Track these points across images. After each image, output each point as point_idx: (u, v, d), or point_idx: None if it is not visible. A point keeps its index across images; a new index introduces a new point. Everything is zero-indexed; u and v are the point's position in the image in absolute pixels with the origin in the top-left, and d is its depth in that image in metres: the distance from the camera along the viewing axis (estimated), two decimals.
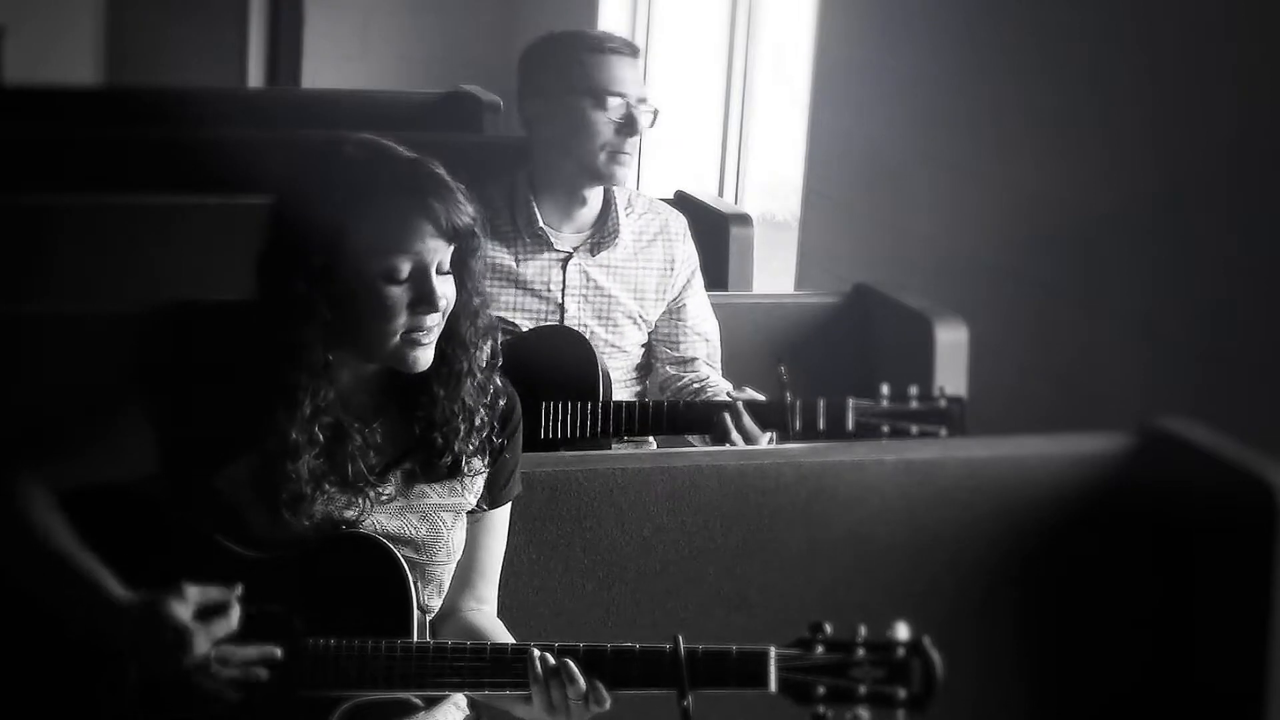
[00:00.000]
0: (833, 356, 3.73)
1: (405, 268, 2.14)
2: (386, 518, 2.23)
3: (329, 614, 2.15)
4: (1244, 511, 2.56)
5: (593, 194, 3.31)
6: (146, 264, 3.99)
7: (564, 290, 3.27)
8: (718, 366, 3.42)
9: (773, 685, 2.09)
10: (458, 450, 2.24)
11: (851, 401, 3.06)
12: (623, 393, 3.31)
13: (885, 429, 3.04)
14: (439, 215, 2.14)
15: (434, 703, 2.26)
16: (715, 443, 3.06)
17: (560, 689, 2.10)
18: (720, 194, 5.96)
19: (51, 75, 7.57)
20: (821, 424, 3.06)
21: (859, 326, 3.77)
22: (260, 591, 2.15)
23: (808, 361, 3.62)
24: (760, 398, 3.12)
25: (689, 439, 3.23)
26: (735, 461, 2.69)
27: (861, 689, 2.07)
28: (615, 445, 3.20)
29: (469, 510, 2.31)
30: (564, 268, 3.28)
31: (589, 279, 3.29)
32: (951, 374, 3.46)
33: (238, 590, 2.13)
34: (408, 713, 2.24)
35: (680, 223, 3.42)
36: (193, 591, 2.11)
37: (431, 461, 2.25)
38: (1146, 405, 3.24)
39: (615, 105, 3.22)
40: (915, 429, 3.04)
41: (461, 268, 2.21)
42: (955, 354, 3.51)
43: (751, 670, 2.09)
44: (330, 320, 2.14)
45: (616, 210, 3.32)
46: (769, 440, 3.08)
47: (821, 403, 3.06)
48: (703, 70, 6.16)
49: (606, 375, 3.17)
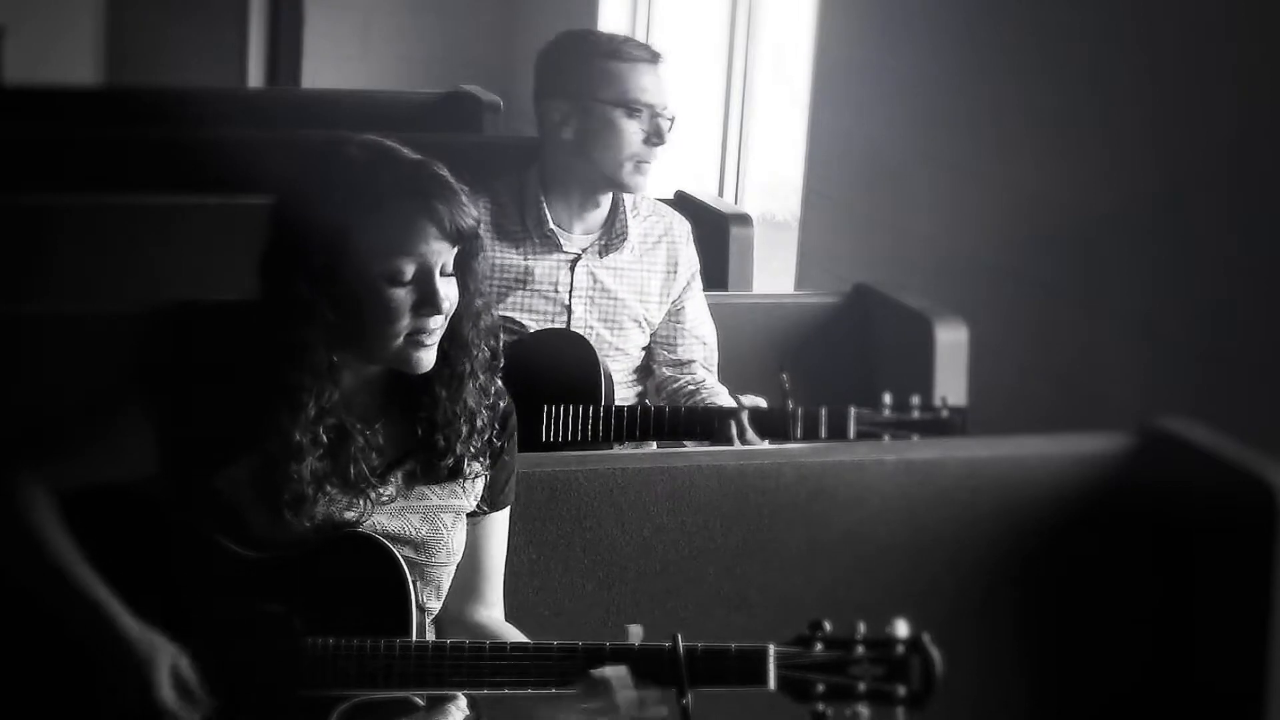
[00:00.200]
0: (833, 357, 3.73)
1: (409, 270, 2.14)
2: (387, 518, 2.23)
3: (329, 614, 2.15)
4: (1244, 511, 2.56)
5: (604, 197, 3.30)
6: (146, 264, 3.99)
7: (572, 292, 3.27)
8: (714, 370, 3.42)
9: (772, 683, 2.09)
10: (459, 452, 2.25)
11: (853, 410, 3.06)
12: (623, 393, 3.31)
13: (887, 438, 3.04)
14: (443, 217, 2.14)
15: (434, 702, 2.26)
16: None
17: (609, 698, 2.10)
18: (720, 194, 5.95)
19: (51, 75, 7.57)
20: (823, 432, 3.06)
21: (859, 327, 3.77)
22: (260, 591, 2.15)
23: (808, 362, 3.63)
24: (762, 403, 3.12)
25: (688, 444, 3.23)
26: (735, 461, 2.69)
27: (861, 686, 2.08)
28: (616, 447, 3.20)
29: (469, 513, 2.31)
30: (572, 269, 3.27)
31: (596, 281, 3.29)
32: (951, 374, 3.46)
33: (214, 704, 2.14)
34: (408, 712, 2.24)
35: (684, 226, 3.42)
36: (184, 669, 2.13)
37: (433, 462, 2.25)
38: (1146, 405, 3.24)
39: (646, 115, 3.21)
40: (916, 438, 3.04)
41: (464, 269, 2.21)
42: (955, 354, 3.51)
43: (751, 668, 2.09)
44: (333, 322, 2.14)
45: (625, 213, 3.32)
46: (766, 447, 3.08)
47: (823, 411, 3.06)
48: (703, 70, 6.16)
49: (609, 378, 3.17)
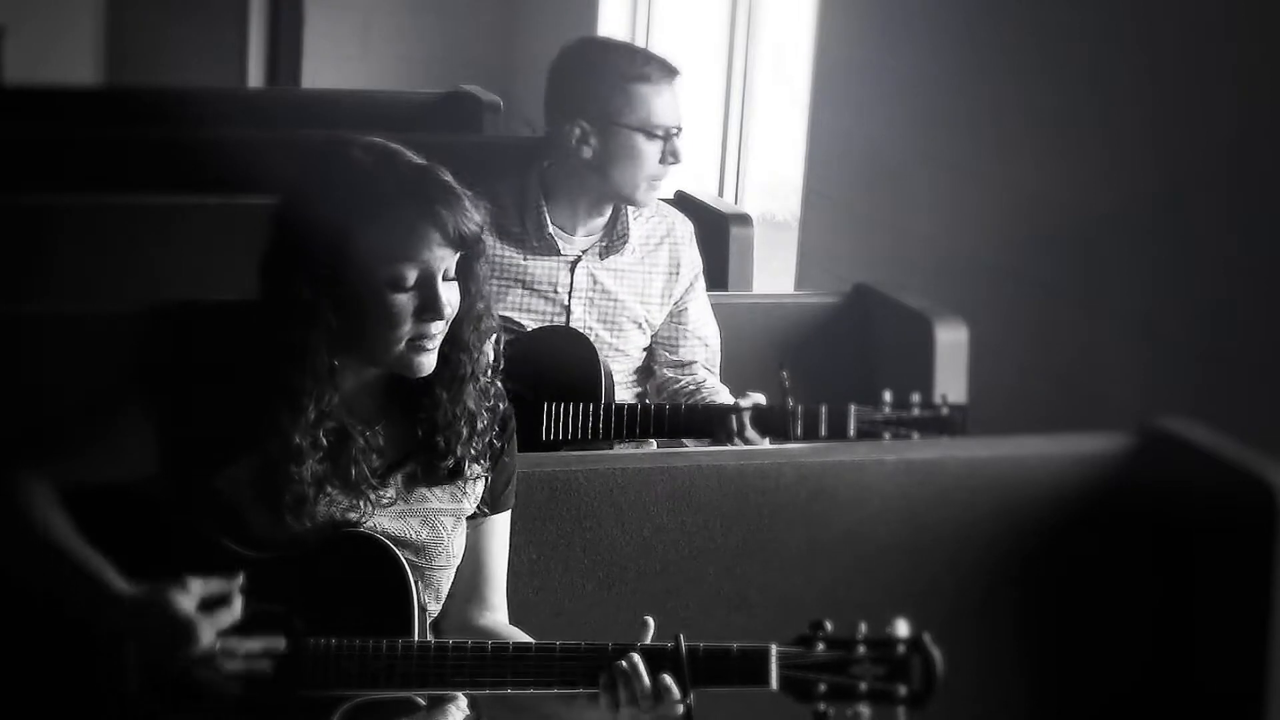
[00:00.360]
0: (833, 357, 3.73)
1: (411, 275, 2.14)
2: (388, 520, 2.23)
3: (330, 614, 2.15)
4: (1244, 511, 2.56)
5: (609, 205, 3.30)
6: (146, 264, 3.99)
7: (571, 293, 3.27)
8: (716, 371, 3.42)
9: (774, 683, 2.09)
10: (460, 454, 2.25)
11: (853, 408, 3.06)
12: (623, 394, 3.31)
13: (887, 436, 3.04)
14: (446, 224, 2.13)
15: (435, 702, 2.26)
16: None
17: (629, 689, 2.10)
18: (720, 194, 5.96)
19: (51, 75, 7.57)
20: (823, 430, 3.06)
21: (859, 326, 3.77)
22: (261, 591, 2.15)
23: (808, 361, 3.63)
24: (761, 400, 3.12)
25: (688, 442, 3.23)
26: (735, 461, 2.69)
27: (862, 686, 2.08)
28: (616, 446, 3.20)
29: (470, 516, 2.31)
30: (572, 271, 3.27)
31: (596, 282, 3.29)
32: (951, 374, 3.46)
33: (239, 581, 2.12)
34: (409, 712, 2.24)
35: (686, 227, 3.42)
36: (195, 584, 2.10)
37: (433, 464, 2.25)
38: (1146, 405, 3.24)
39: (669, 138, 3.20)
40: (917, 436, 3.04)
41: (467, 273, 2.21)
42: (955, 354, 3.51)
43: (753, 668, 2.09)
44: (334, 325, 2.14)
45: (627, 215, 3.31)
46: (766, 445, 3.08)
47: (823, 409, 3.06)
48: (703, 70, 6.16)
49: (609, 376, 3.17)
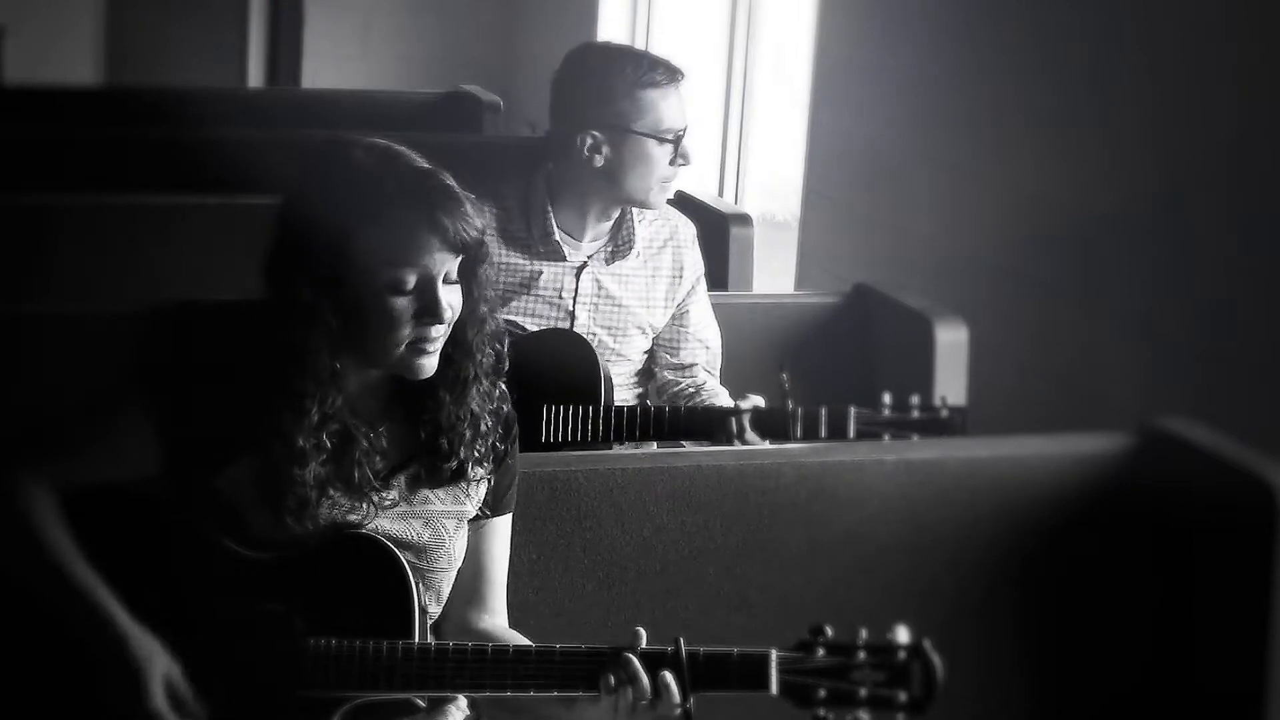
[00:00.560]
0: (833, 357, 3.73)
1: (410, 279, 2.14)
2: (389, 522, 2.23)
3: (331, 614, 2.15)
4: (1244, 511, 2.56)
5: (617, 209, 3.30)
6: (146, 264, 3.99)
7: (576, 298, 3.26)
8: (716, 373, 3.41)
9: (774, 688, 2.09)
10: (463, 456, 2.25)
11: (853, 410, 3.06)
12: (622, 396, 3.30)
13: (886, 438, 3.04)
14: (447, 229, 2.13)
15: (435, 703, 2.26)
16: None
17: (628, 692, 2.10)
18: (720, 194, 5.95)
19: (51, 75, 7.57)
20: (823, 431, 3.06)
21: (859, 326, 3.77)
22: (262, 591, 2.15)
23: (808, 362, 3.63)
24: (761, 402, 3.12)
25: (688, 444, 3.22)
26: (735, 461, 2.69)
27: (862, 692, 2.08)
28: (616, 447, 3.20)
29: (471, 518, 2.31)
30: (577, 276, 3.27)
31: (601, 288, 3.28)
32: (951, 374, 3.46)
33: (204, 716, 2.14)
34: (409, 713, 2.24)
35: (689, 230, 3.41)
36: (176, 679, 2.13)
37: (436, 465, 2.25)
38: (1146, 405, 3.24)
39: (680, 142, 3.20)
40: (916, 438, 3.04)
41: (469, 276, 2.21)
42: (955, 354, 3.51)
43: (752, 673, 2.09)
44: (335, 328, 2.14)
45: (632, 220, 3.31)
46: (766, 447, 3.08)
47: (823, 411, 3.06)
48: (703, 70, 6.16)
49: (608, 378, 3.17)
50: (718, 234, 4.14)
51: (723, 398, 3.29)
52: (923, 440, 3.02)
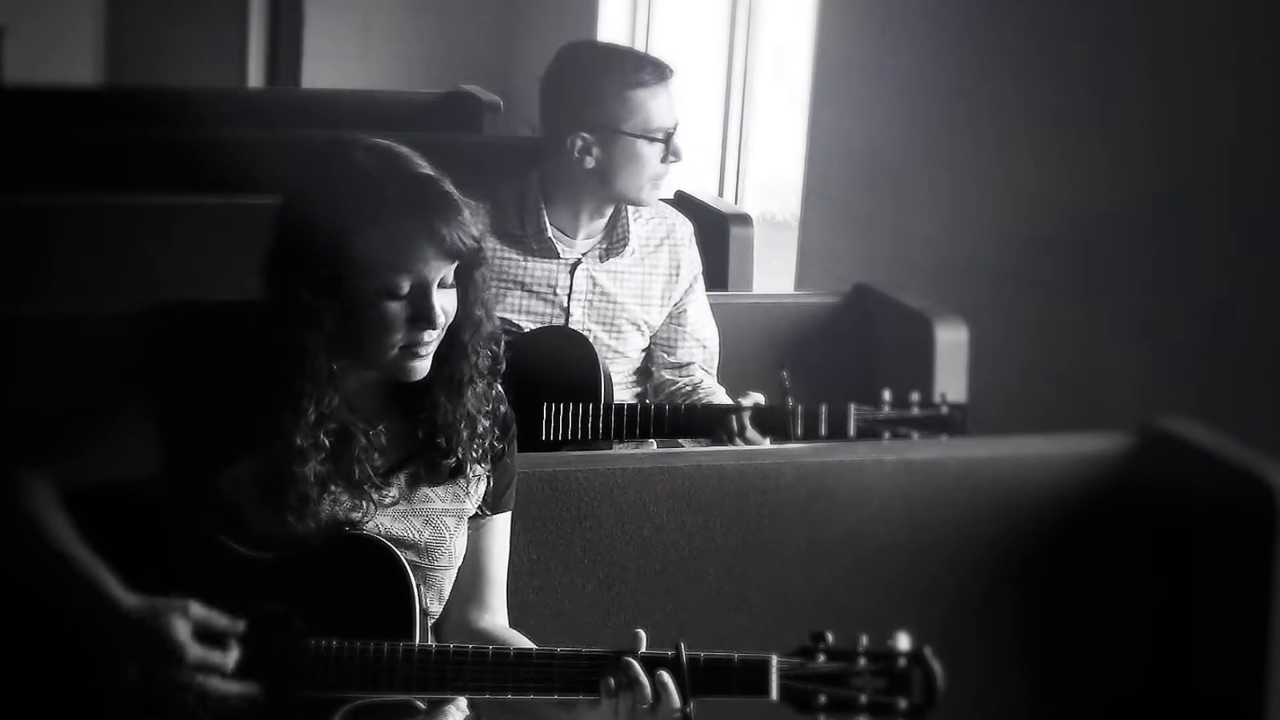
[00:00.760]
0: (833, 357, 3.73)
1: (405, 285, 2.14)
2: (390, 520, 2.24)
3: (331, 615, 2.15)
4: (1244, 511, 2.56)
5: (610, 207, 3.30)
6: (146, 264, 3.99)
7: (570, 295, 3.27)
8: (714, 372, 3.41)
9: (774, 694, 2.09)
10: (462, 456, 2.25)
11: (853, 407, 3.06)
12: (622, 395, 3.31)
13: (887, 436, 3.04)
14: (443, 238, 2.14)
15: (434, 704, 2.26)
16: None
17: (629, 696, 2.10)
18: (720, 194, 5.95)
19: (51, 75, 7.57)
20: (823, 429, 3.06)
21: (859, 326, 3.77)
22: (263, 592, 2.15)
23: (808, 361, 3.63)
24: (761, 400, 3.12)
25: (687, 442, 3.23)
26: (735, 461, 2.69)
27: (862, 698, 2.07)
28: (616, 446, 3.20)
29: (471, 516, 2.31)
30: (572, 273, 3.27)
31: (596, 285, 3.29)
32: (951, 374, 3.46)
33: (240, 627, 2.13)
34: (409, 714, 2.24)
35: (686, 228, 3.42)
36: (197, 610, 2.11)
37: (436, 463, 2.26)
38: (1146, 405, 3.24)
39: (669, 140, 3.20)
40: (916, 435, 3.04)
41: (465, 280, 2.22)
42: (955, 354, 3.51)
43: (753, 678, 2.09)
44: (332, 330, 2.14)
45: (627, 217, 3.31)
46: (767, 445, 3.08)
47: (823, 408, 3.06)
48: (703, 70, 6.16)
49: (608, 377, 3.17)
50: (718, 234, 4.14)
51: (719, 396, 3.29)
52: (923, 440, 3.02)
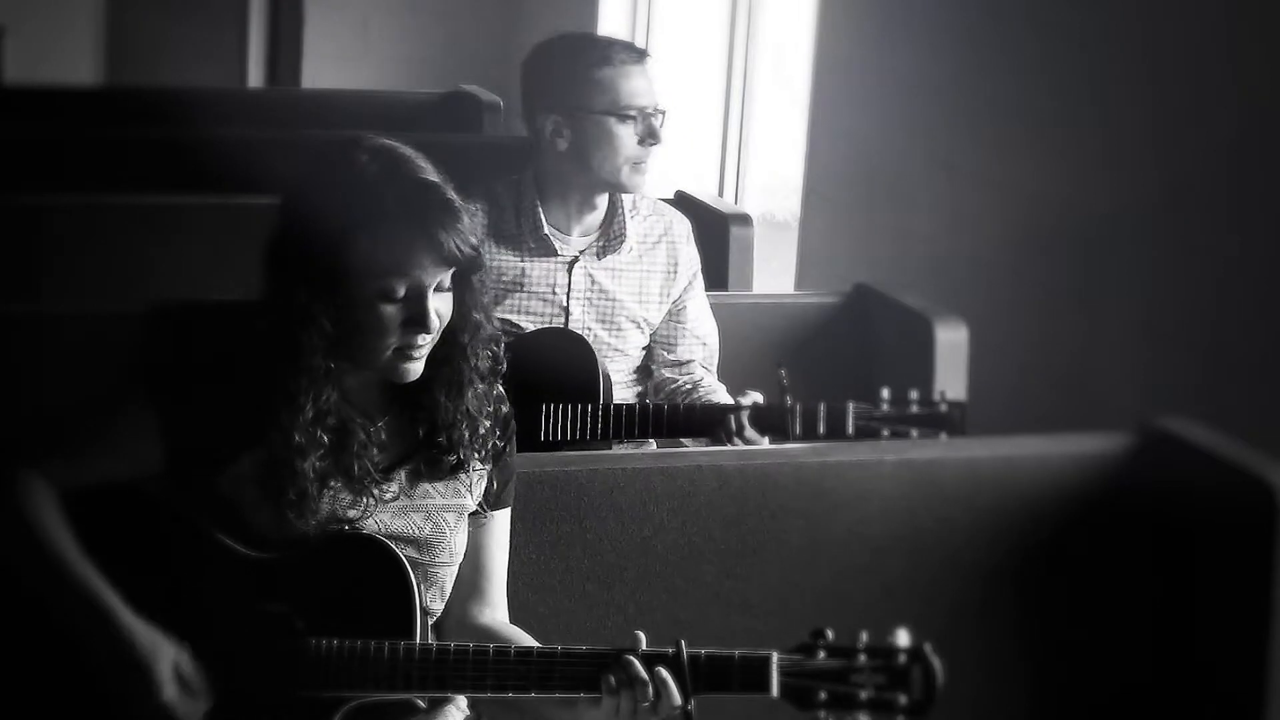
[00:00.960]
0: (833, 356, 3.73)
1: (401, 289, 2.15)
2: (390, 517, 2.24)
3: (333, 615, 2.16)
4: (1244, 511, 2.56)
5: (601, 199, 3.30)
6: (146, 264, 4.00)
7: (569, 294, 3.27)
8: (714, 370, 3.42)
9: (775, 690, 2.09)
10: (463, 456, 2.26)
11: (851, 405, 3.06)
12: (622, 394, 3.31)
13: (885, 433, 3.04)
14: (442, 245, 2.14)
15: (435, 703, 2.26)
16: (714, 447, 3.06)
17: (630, 695, 2.10)
18: (720, 194, 5.95)
19: (51, 75, 7.57)
20: (822, 428, 3.06)
21: (859, 326, 3.77)
22: (264, 591, 2.15)
23: (808, 361, 3.63)
24: (760, 399, 3.12)
25: (687, 441, 3.23)
26: (735, 461, 2.69)
27: (863, 695, 2.08)
28: (615, 446, 3.20)
29: (471, 513, 2.31)
30: (569, 271, 3.27)
31: (594, 282, 3.29)
32: (951, 374, 3.46)
33: (212, 701, 2.15)
34: (409, 713, 2.24)
35: (684, 225, 3.42)
36: (186, 664, 2.14)
37: (436, 459, 2.26)
38: (1146, 405, 3.24)
39: (640, 118, 3.20)
40: (915, 433, 3.04)
41: (462, 284, 2.22)
42: (955, 354, 3.51)
43: (754, 675, 2.09)
44: (329, 330, 2.15)
45: (623, 213, 3.32)
46: (766, 444, 3.08)
47: (822, 406, 3.06)
48: (703, 70, 6.16)
49: (607, 377, 3.17)
50: (718, 234, 4.14)
51: (720, 394, 3.29)
52: (923, 440, 3.02)
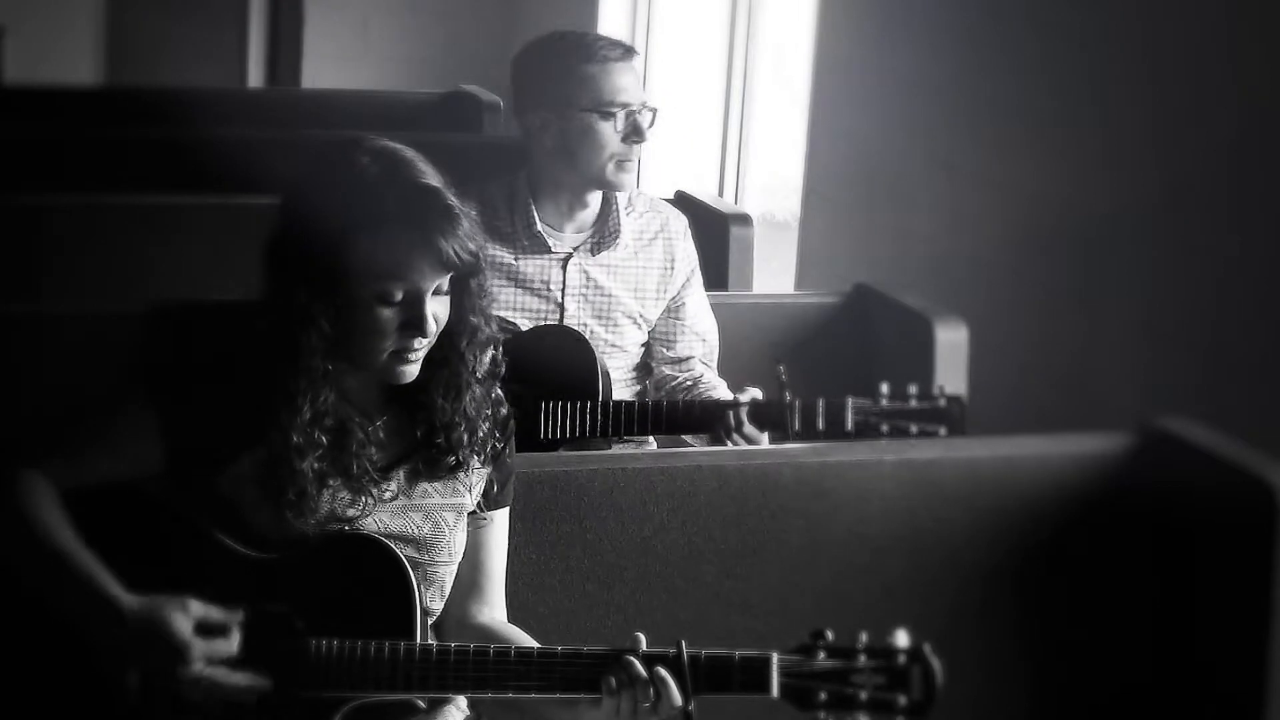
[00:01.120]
0: (833, 356, 3.73)
1: (398, 293, 2.15)
2: (389, 516, 2.24)
3: (332, 615, 2.16)
4: (1244, 511, 2.56)
5: (593, 196, 3.31)
6: (146, 264, 4.00)
7: (564, 290, 3.27)
8: (714, 366, 3.42)
9: (775, 691, 2.09)
10: (462, 457, 2.26)
11: (850, 401, 3.06)
12: (622, 392, 3.31)
13: (884, 428, 3.04)
14: (441, 251, 2.14)
15: (434, 703, 2.26)
16: (714, 444, 3.06)
17: (630, 695, 2.10)
18: (720, 194, 5.95)
19: (51, 75, 7.58)
20: (821, 424, 3.06)
21: (859, 326, 3.77)
22: (263, 591, 2.15)
23: (808, 361, 3.63)
24: (759, 395, 3.12)
25: (687, 439, 3.23)
26: (735, 461, 2.69)
27: (863, 695, 2.08)
28: (615, 445, 3.20)
29: (470, 513, 2.32)
30: (564, 267, 3.28)
31: (589, 278, 3.29)
32: (951, 374, 3.46)
33: (239, 616, 2.13)
34: (409, 713, 2.24)
35: (680, 222, 3.42)
36: (196, 606, 2.11)
37: (435, 459, 2.26)
38: (1146, 405, 3.24)
39: (622, 115, 3.21)
40: (914, 428, 3.04)
41: (461, 287, 2.22)
42: (955, 354, 3.51)
43: (754, 676, 2.10)
44: (327, 330, 2.15)
45: (618, 210, 3.32)
46: (766, 441, 3.08)
47: (821, 402, 3.06)
48: (703, 70, 6.16)
49: (606, 375, 3.18)
50: (718, 234, 4.14)
51: (720, 390, 3.30)
52: (922, 440, 3.02)
